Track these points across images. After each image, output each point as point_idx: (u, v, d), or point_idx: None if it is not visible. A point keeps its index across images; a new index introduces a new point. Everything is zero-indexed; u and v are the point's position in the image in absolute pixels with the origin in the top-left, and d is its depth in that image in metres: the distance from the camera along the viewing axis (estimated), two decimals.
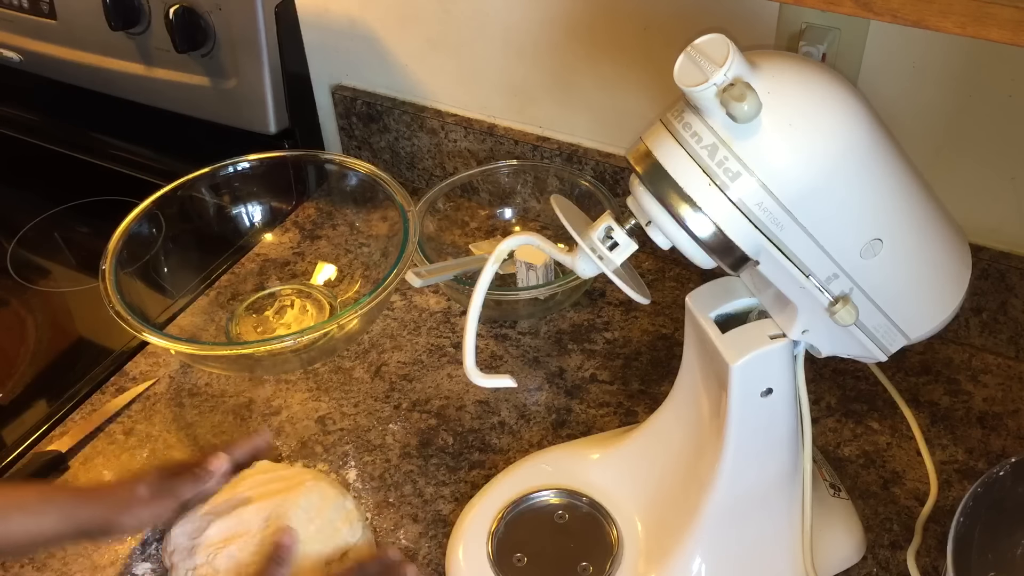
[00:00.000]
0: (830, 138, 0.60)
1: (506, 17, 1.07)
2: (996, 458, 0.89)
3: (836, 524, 0.82)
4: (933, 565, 0.82)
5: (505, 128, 1.16)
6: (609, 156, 1.11)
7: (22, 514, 0.73)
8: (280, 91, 1.18)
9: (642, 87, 1.04)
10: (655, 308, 1.06)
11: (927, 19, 0.53)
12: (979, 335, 0.99)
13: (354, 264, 1.14)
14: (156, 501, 0.78)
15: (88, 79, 1.29)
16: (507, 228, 1.18)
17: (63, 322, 1.15)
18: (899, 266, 0.67)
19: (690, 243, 0.63)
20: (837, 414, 0.94)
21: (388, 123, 1.22)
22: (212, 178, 1.12)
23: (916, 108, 0.90)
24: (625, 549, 0.81)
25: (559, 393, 0.98)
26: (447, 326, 1.06)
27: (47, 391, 1.03)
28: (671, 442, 0.81)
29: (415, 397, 0.99)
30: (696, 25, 0.69)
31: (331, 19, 1.19)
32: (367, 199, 1.13)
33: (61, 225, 1.27)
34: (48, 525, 0.73)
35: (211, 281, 1.12)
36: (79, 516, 0.75)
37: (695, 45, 0.59)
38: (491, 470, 0.91)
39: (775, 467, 0.76)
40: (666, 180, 0.62)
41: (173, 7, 1.14)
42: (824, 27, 0.87)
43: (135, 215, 1.05)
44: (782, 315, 0.70)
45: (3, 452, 0.95)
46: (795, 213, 0.61)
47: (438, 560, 0.84)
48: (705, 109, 0.60)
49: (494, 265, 0.71)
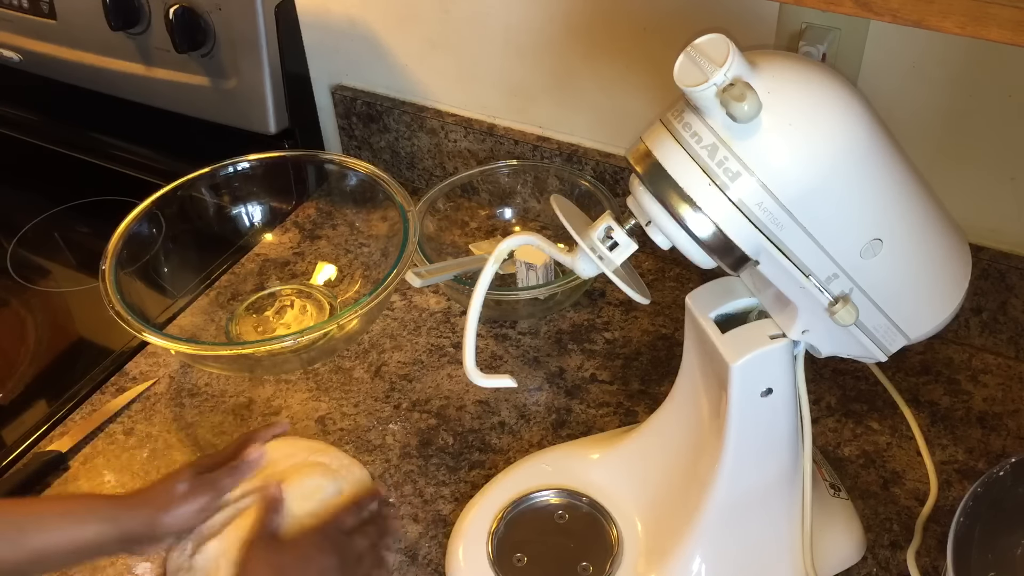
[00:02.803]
0: (830, 138, 0.60)
1: (506, 17, 1.07)
2: (996, 458, 0.89)
3: (836, 524, 0.82)
4: (933, 565, 0.82)
5: (505, 128, 1.16)
6: (609, 156, 1.11)
7: (63, 521, 0.72)
8: (280, 91, 1.18)
9: (642, 87, 1.04)
10: (655, 308, 1.06)
11: (927, 19, 0.53)
12: (979, 335, 0.99)
13: (354, 264, 1.14)
14: (196, 497, 0.76)
15: (88, 79, 1.29)
16: (507, 228, 1.18)
17: (63, 322, 1.15)
18: (899, 266, 0.67)
19: (690, 243, 0.63)
20: (837, 414, 0.94)
21: (388, 123, 1.22)
22: (212, 178, 1.12)
23: (916, 108, 0.90)
24: (625, 549, 0.81)
25: (559, 393, 0.98)
26: (447, 326, 1.06)
27: (47, 391, 1.03)
28: (671, 442, 0.81)
29: (415, 397, 0.99)
30: (696, 25, 0.69)
31: (331, 19, 1.19)
32: (367, 199, 1.13)
33: (61, 225, 1.27)
34: (91, 533, 0.72)
35: (211, 281, 1.12)
36: (122, 521, 0.73)
37: (695, 45, 0.59)
38: (491, 470, 0.91)
39: (775, 467, 0.76)
40: (666, 180, 0.62)
41: (173, 7, 1.14)
42: (824, 27, 0.87)
43: (135, 215, 1.05)
44: (782, 315, 0.70)
45: (3, 452, 0.95)
46: (795, 213, 0.61)
47: (438, 560, 0.84)
48: (705, 109, 0.60)
49: (494, 265, 0.71)
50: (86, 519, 0.73)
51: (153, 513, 0.74)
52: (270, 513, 0.76)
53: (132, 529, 0.74)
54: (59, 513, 0.73)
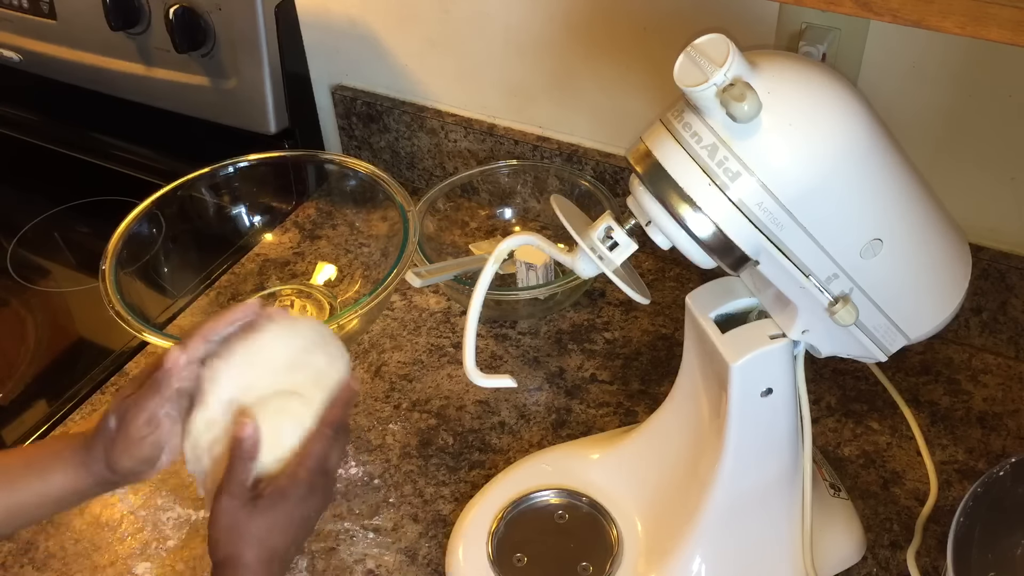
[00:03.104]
0: (830, 138, 0.60)
1: (506, 17, 1.07)
2: (996, 458, 0.89)
3: (836, 524, 0.82)
4: (933, 565, 0.82)
5: (505, 128, 1.16)
6: (609, 156, 1.11)
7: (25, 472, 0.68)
8: (280, 91, 1.18)
9: (642, 87, 1.04)
10: (655, 308, 1.06)
11: (927, 19, 0.53)
12: (979, 335, 0.99)
13: (354, 264, 1.14)
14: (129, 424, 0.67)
15: (88, 79, 1.29)
16: (507, 228, 1.18)
17: (63, 322, 1.15)
18: (899, 266, 0.67)
19: (690, 243, 0.63)
20: (837, 414, 0.94)
21: (388, 123, 1.22)
22: (212, 178, 1.12)
23: (916, 108, 0.90)
24: (625, 549, 0.81)
25: (559, 393, 0.98)
26: (447, 326, 1.06)
27: (47, 391, 1.03)
28: (671, 442, 0.81)
29: (415, 397, 0.99)
30: (696, 25, 0.69)
31: (331, 19, 1.19)
32: (367, 199, 1.13)
33: (61, 225, 1.27)
34: (57, 483, 0.68)
35: (211, 281, 1.12)
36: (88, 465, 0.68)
37: (695, 45, 0.59)
38: (491, 470, 0.91)
39: (775, 467, 0.76)
40: (666, 180, 0.62)
41: (173, 7, 1.14)
42: (824, 27, 0.87)
43: (135, 215, 1.05)
44: (782, 315, 0.70)
45: None
46: (795, 213, 0.61)
47: (438, 560, 0.84)
48: (705, 109, 0.60)
49: (494, 265, 0.71)
50: (50, 470, 0.68)
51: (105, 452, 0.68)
52: (243, 462, 0.66)
53: (101, 474, 0.69)
54: (21, 466, 0.69)
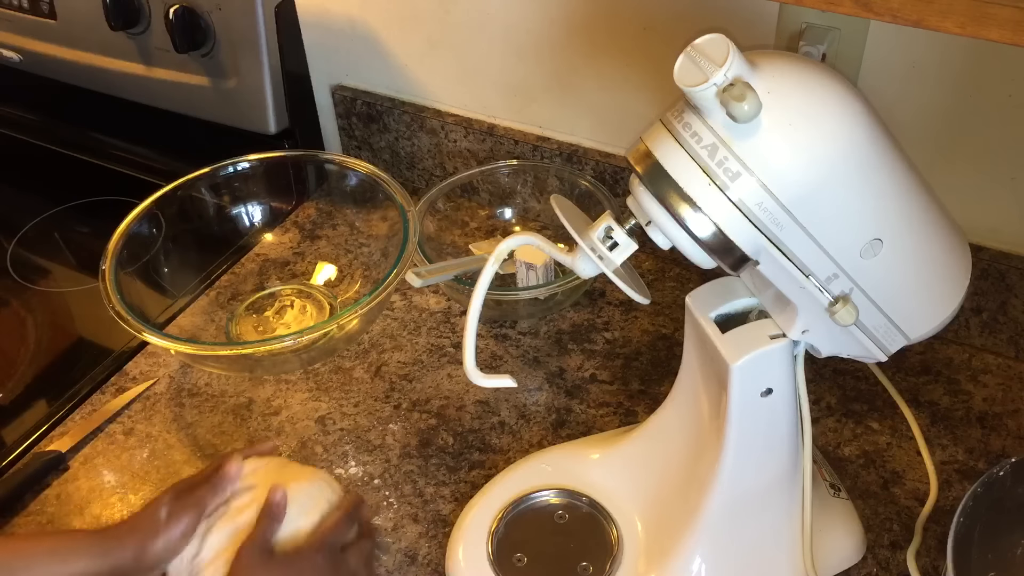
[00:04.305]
0: (830, 138, 0.60)
1: (506, 17, 1.07)
2: (996, 458, 0.89)
3: (836, 524, 0.82)
4: (933, 565, 0.82)
5: (505, 128, 1.16)
6: (609, 156, 1.11)
7: (51, 560, 0.71)
8: (280, 91, 1.18)
9: (642, 87, 1.04)
10: (655, 308, 1.06)
11: (927, 19, 0.53)
12: (979, 335, 0.99)
13: (354, 264, 1.14)
14: (180, 519, 0.74)
15: (88, 79, 1.29)
16: (507, 228, 1.18)
17: (63, 322, 1.15)
18: (899, 266, 0.67)
19: (690, 243, 0.63)
20: (837, 414, 0.94)
21: (388, 123, 1.22)
22: (212, 178, 1.12)
23: (916, 108, 0.90)
24: (625, 549, 0.81)
25: (559, 393, 0.98)
26: (447, 326, 1.06)
27: (47, 391, 1.03)
28: (671, 442, 0.81)
29: (415, 397, 0.99)
30: (696, 25, 0.69)
31: (331, 19, 1.19)
32: (367, 199, 1.13)
33: (61, 225, 1.27)
34: (79, 569, 0.71)
35: (211, 281, 1.12)
36: (109, 553, 0.72)
37: (695, 45, 0.59)
38: (491, 470, 0.91)
39: (775, 467, 0.76)
40: (666, 180, 0.62)
41: (173, 7, 1.14)
42: (824, 27, 0.87)
43: (135, 215, 1.05)
44: (782, 315, 0.70)
45: (3, 452, 0.95)
46: (795, 213, 0.61)
47: (438, 560, 0.84)
48: (705, 109, 0.60)
49: (494, 265, 0.71)
50: (73, 557, 0.72)
51: (140, 541, 0.73)
52: (270, 521, 0.74)
53: (121, 561, 0.73)
54: (46, 552, 0.72)
